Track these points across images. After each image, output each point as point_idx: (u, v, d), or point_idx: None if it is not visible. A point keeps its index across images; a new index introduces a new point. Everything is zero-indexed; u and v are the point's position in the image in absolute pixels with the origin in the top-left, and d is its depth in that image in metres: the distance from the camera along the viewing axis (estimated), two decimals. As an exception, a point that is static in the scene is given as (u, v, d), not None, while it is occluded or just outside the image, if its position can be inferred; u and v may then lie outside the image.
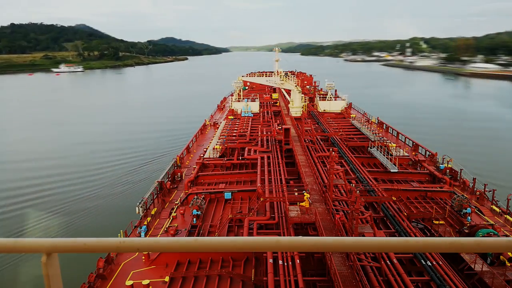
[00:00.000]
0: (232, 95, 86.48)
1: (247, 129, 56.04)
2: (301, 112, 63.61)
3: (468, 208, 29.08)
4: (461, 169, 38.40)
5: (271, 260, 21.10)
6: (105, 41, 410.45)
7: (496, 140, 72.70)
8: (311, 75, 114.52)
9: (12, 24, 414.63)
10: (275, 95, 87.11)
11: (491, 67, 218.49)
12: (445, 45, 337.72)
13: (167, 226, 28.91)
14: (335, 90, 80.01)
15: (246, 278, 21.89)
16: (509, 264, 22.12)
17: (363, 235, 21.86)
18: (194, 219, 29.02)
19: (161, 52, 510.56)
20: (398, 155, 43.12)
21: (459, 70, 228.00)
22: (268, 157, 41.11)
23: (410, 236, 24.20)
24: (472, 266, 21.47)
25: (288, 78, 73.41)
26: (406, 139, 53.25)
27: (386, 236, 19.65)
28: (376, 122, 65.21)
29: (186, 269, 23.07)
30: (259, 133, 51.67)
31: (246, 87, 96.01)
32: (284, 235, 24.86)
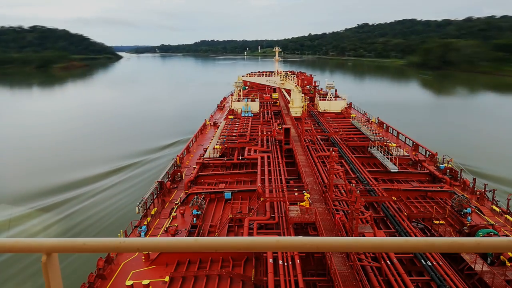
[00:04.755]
0: (232, 95, 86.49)
1: (247, 129, 56.04)
2: (301, 112, 63.59)
3: (468, 208, 29.09)
4: (461, 169, 38.40)
5: (271, 260, 21.10)
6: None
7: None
8: (311, 75, 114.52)
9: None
10: (275, 95, 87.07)
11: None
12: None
13: (167, 226, 28.92)
14: (335, 90, 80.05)
15: (246, 278, 21.89)
16: (509, 264, 22.11)
17: (363, 235, 21.86)
18: (194, 219, 29.02)
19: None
20: (398, 155, 43.11)
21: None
22: (268, 157, 41.11)
23: (410, 236, 24.22)
24: (472, 266, 21.46)
25: (288, 78, 73.43)
26: (406, 139, 53.24)
27: (386, 236, 19.68)
28: (376, 122, 65.25)
29: (186, 269, 23.08)
30: (259, 133, 51.66)
31: (246, 87, 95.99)
32: (284, 235, 24.86)
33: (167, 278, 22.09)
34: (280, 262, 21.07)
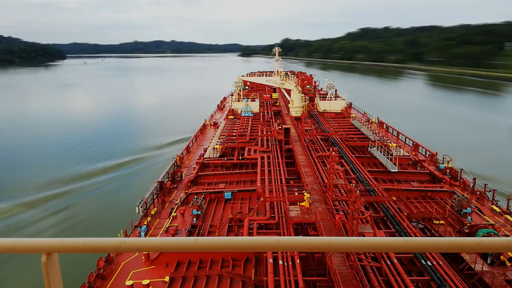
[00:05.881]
0: (232, 95, 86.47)
1: (247, 129, 56.02)
2: (301, 112, 63.60)
3: (468, 208, 29.10)
4: (461, 169, 38.39)
5: (271, 260, 21.09)
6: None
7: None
8: (311, 75, 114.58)
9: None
10: (275, 95, 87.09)
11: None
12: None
13: (167, 226, 28.91)
14: (335, 90, 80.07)
15: (246, 278, 21.89)
16: (509, 264, 22.12)
17: (363, 235, 21.85)
18: (194, 219, 29.02)
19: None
20: (398, 155, 43.11)
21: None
22: (268, 157, 41.09)
23: (410, 236, 24.21)
24: (472, 266, 21.47)
25: (288, 78, 73.42)
26: (406, 139, 53.26)
27: (386, 236, 19.67)
28: (376, 122, 65.25)
29: (186, 269, 23.07)
30: (259, 133, 51.63)
31: (246, 87, 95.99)
32: (284, 235, 24.86)
33: (167, 278, 22.08)
34: (280, 262, 21.07)
